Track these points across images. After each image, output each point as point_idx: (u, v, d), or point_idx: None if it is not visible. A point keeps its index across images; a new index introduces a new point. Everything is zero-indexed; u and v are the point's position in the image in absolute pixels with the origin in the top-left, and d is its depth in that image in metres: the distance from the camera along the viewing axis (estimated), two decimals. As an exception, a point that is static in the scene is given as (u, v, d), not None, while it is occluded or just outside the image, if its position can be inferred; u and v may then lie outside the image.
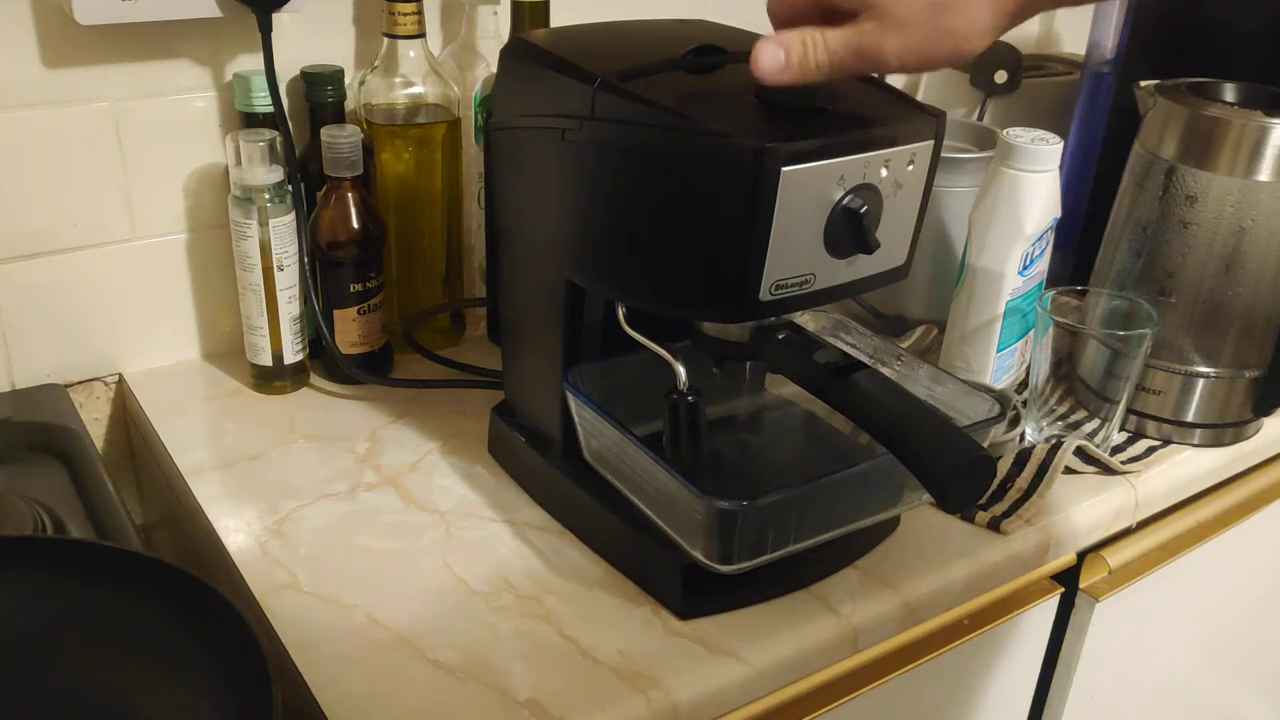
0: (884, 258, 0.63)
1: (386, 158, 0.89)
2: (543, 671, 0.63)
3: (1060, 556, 0.81)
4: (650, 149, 0.60)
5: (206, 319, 0.93)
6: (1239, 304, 0.83)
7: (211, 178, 0.89)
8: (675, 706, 0.62)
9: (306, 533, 0.73)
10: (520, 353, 0.78)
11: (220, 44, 0.86)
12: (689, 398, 0.66)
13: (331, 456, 0.81)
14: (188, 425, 0.85)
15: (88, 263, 0.86)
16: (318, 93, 0.87)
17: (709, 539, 0.62)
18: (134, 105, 0.84)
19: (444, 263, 0.95)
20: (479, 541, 0.73)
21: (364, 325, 0.88)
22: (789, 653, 0.66)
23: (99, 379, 0.90)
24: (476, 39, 0.93)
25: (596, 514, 0.71)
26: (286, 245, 0.84)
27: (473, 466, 0.81)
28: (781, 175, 0.56)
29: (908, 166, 0.61)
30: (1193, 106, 0.82)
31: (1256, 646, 1.14)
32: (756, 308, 0.60)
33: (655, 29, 0.73)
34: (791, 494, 0.62)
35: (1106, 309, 0.87)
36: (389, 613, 0.67)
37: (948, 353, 0.90)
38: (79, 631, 0.59)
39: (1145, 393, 0.87)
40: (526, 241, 0.73)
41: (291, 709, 0.54)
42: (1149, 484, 0.84)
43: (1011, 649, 0.84)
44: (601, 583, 0.70)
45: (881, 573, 0.71)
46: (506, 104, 0.71)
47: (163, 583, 0.59)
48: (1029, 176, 0.84)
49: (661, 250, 0.62)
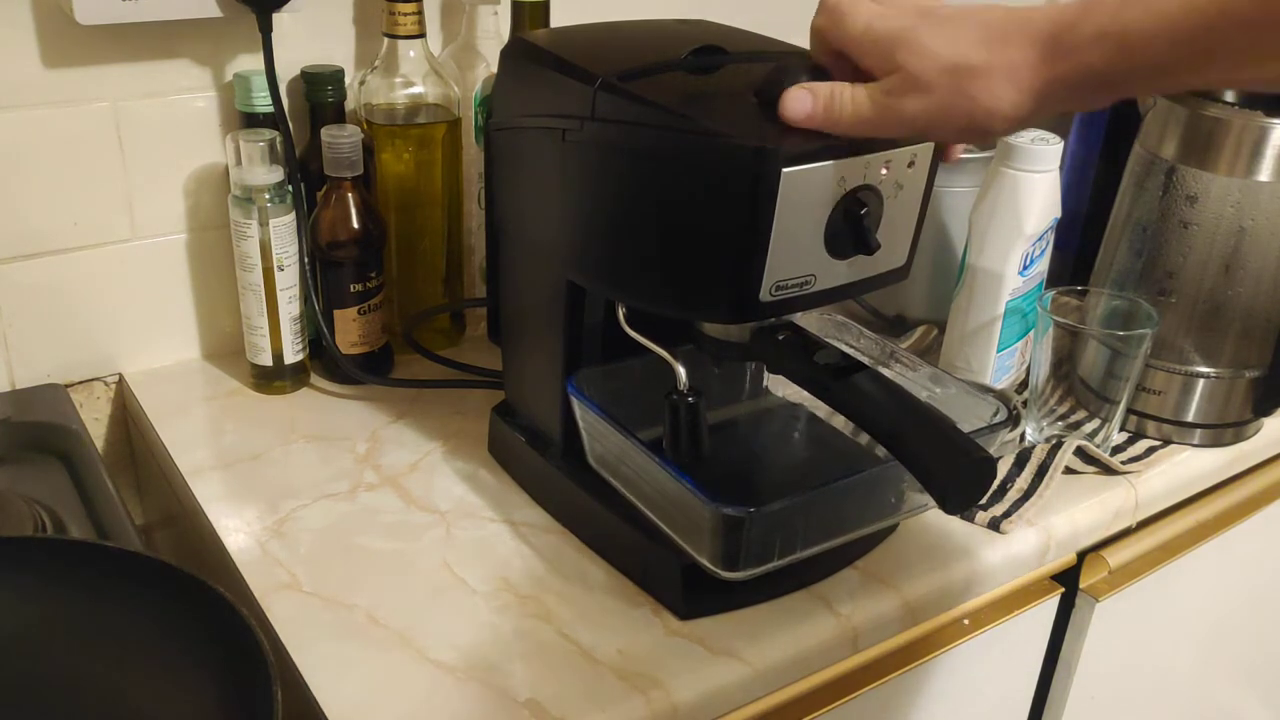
0: (884, 258, 0.63)
1: (387, 158, 0.89)
2: (543, 671, 0.63)
3: (1060, 556, 0.81)
4: (651, 149, 0.60)
5: (206, 319, 0.93)
6: (1239, 304, 0.83)
7: (211, 178, 0.89)
8: (675, 707, 0.62)
9: (306, 533, 0.73)
10: (520, 353, 0.78)
11: (220, 44, 0.86)
12: (689, 398, 0.66)
13: (331, 456, 0.81)
14: (188, 425, 0.85)
15: (88, 263, 0.86)
16: (318, 93, 0.87)
17: (715, 545, 0.62)
18: (134, 105, 0.84)
19: (444, 263, 0.95)
20: (479, 541, 0.73)
21: (364, 325, 0.88)
22: (789, 653, 0.66)
23: (99, 379, 0.90)
24: (476, 39, 0.93)
25: (596, 514, 0.71)
26: (287, 245, 0.84)
27: (473, 466, 0.81)
28: (782, 176, 0.56)
29: (908, 167, 0.61)
30: (1193, 106, 0.82)
31: (1256, 646, 1.14)
32: (757, 308, 0.60)
33: (656, 29, 0.73)
34: (799, 500, 0.62)
35: (1106, 309, 0.87)
36: (389, 613, 0.67)
37: (948, 353, 0.91)
38: (79, 631, 0.59)
39: (1145, 393, 0.87)
40: (527, 242, 0.73)
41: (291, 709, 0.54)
42: (1149, 484, 0.84)
43: (1011, 649, 0.84)
44: (601, 583, 0.70)
45: (881, 573, 0.71)
46: (507, 104, 0.71)
47: (163, 583, 0.59)
48: (1029, 176, 0.84)
49: (661, 251, 0.62)
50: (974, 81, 0.52)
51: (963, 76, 0.52)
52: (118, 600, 0.58)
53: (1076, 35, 0.50)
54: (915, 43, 0.53)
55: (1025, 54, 0.51)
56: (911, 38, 0.53)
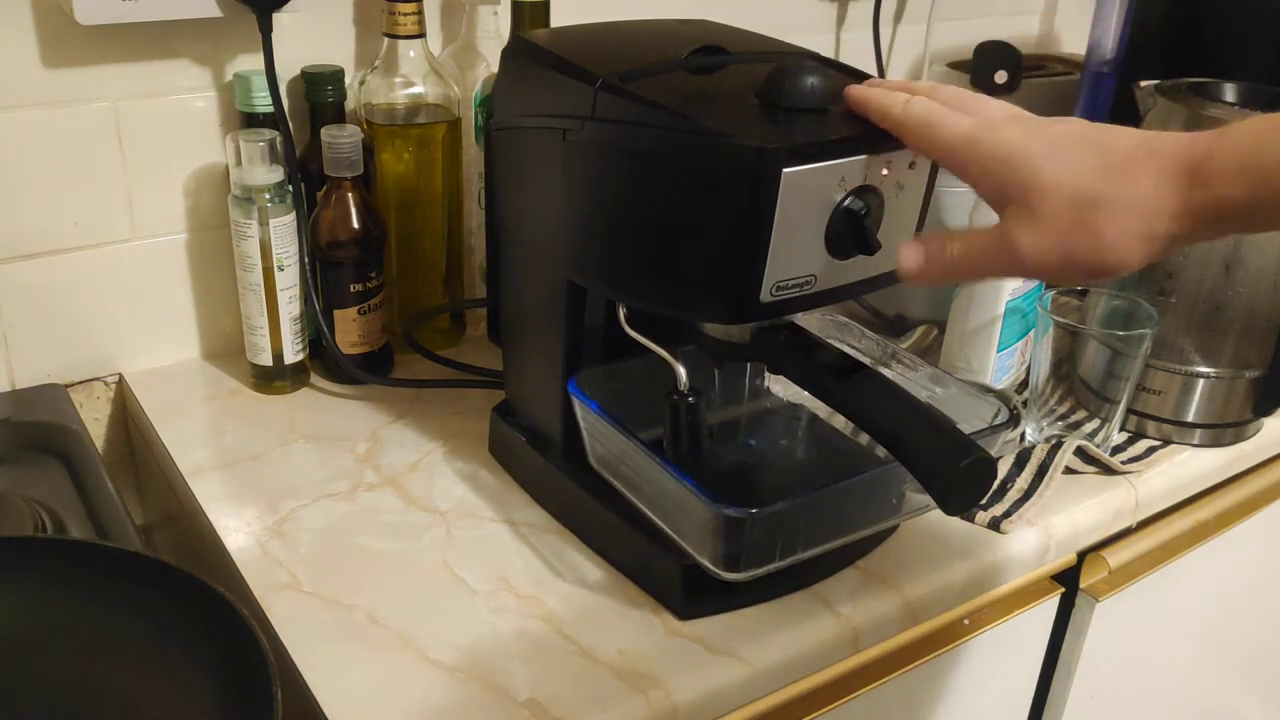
0: (885, 259, 0.63)
1: (387, 158, 0.89)
2: (543, 671, 0.63)
3: (1060, 556, 0.81)
4: (651, 149, 0.60)
5: (206, 319, 0.93)
6: (1239, 304, 0.83)
7: (211, 178, 0.89)
8: (675, 707, 0.62)
9: (306, 533, 0.73)
10: (521, 353, 0.78)
11: (220, 44, 0.86)
12: (689, 398, 0.66)
13: (331, 456, 0.81)
14: (188, 425, 0.85)
15: (88, 263, 0.86)
16: (318, 93, 0.87)
17: (716, 546, 0.62)
18: (134, 105, 0.84)
19: (444, 263, 0.95)
20: (479, 541, 0.73)
21: (364, 325, 0.88)
22: (789, 653, 0.66)
23: (99, 379, 0.90)
24: (477, 39, 0.93)
25: (597, 514, 0.71)
26: (287, 245, 0.84)
27: (473, 466, 0.81)
28: (782, 176, 0.56)
29: (909, 168, 0.61)
30: (1193, 106, 0.82)
31: (1256, 646, 1.14)
32: (757, 309, 0.60)
33: (656, 29, 0.73)
34: (801, 501, 0.62)
35: (1107, 309, 0.87)
36: (389, 613, 0.67)
37: (948, 353, 0.90)
38: (79, 631, 0.58)
39: (1145, 393, 0.87)
40: (527, 241, 0.73)
41: (291, 709, 0.54)
42: (1149, 484, 0.84)
43: (1011, 649, 0.84)
44: (601, 583, 0.70)
45: (881, 573, 0.71)
46: (507, 104, 0.71)
47: (163, 583, 0.59)
48: (1029, 177, 0.84)
49: (662, 251, 0.62)
50: (1103, 214, 0.47)
51: (1088, 209, 0.47)
52: (118, 600, 0.58)
53: (1216, 165, 0.46)
54: (1031, 164, 0.48)
55: (1157, 186, 0.46)
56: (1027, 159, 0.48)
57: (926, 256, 0.54)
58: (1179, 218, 0.46)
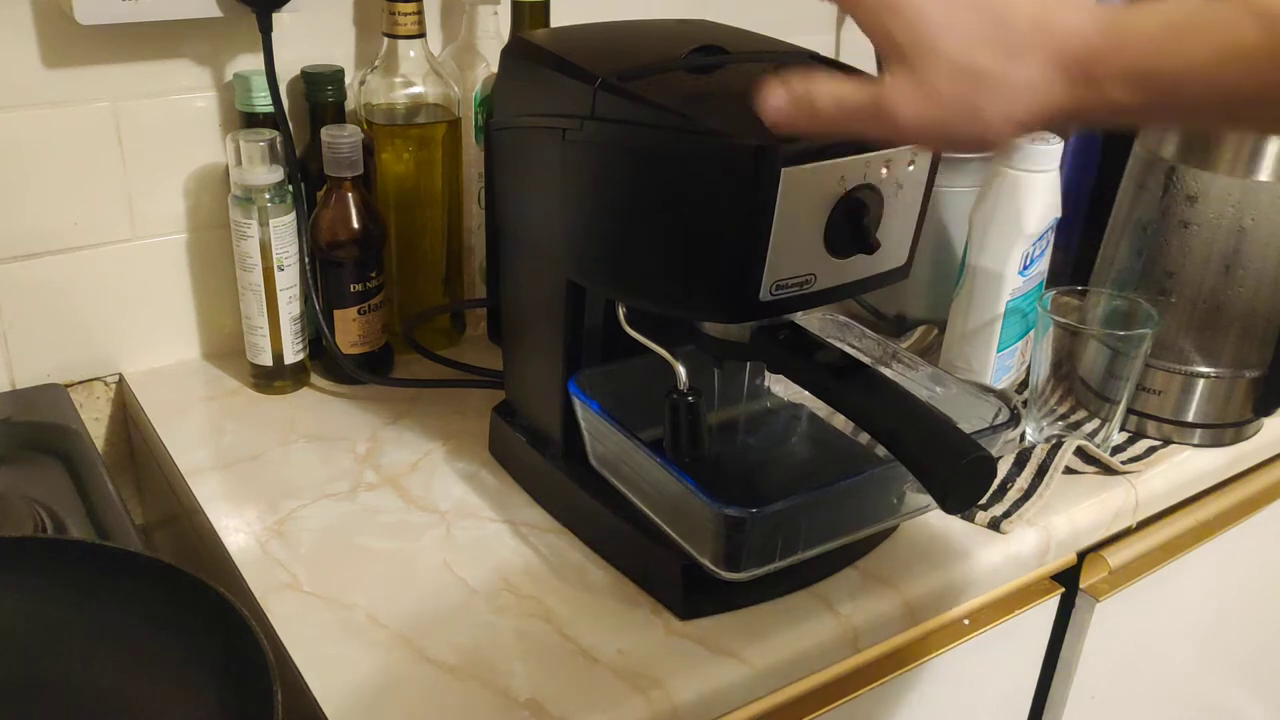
0: (885, 258, 0.63)
1: (387, 158, 0.89)
2: (543, 671, 0.63)
3: (1060, 556, 0.81)
4: (651, 149, 0.60)
5: (206, 319, 0.93)
6: (1239, 304, 0.83)
7: (211, 178, 0.89)
8: (675, 707, 0.62)
9: (306, 533, 0.73)
10: (521, 352, 0.78)
11: (220, 44, 0.86)
12: (689, 398, 0.66)
13: (331, 456, 0.81)
14: (188, 425, 0.85)
15: (88, 263, 0.86)
16: (318, 93, 0.87)
17: (716, 546, 0.62)
18: (134, 105, 0.84)
19: (444, 263, 0.95)
20: (479, 541, 0.73)
21: (364, 325, 0.88)
22: (789, 653, 0.66)
23: (99, 379, 0.90)
24: (477, 39, 0.93)
25: (597, 514, 0.71)
26: (287, 245, 0.84)
27: (473, 466, 0.81)
28: (782, 175, 0.56)
29: (908, 167, 0.61)
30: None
31: (1256, 646, 1.14)
32: (757, 308, 0.60)
33: (656, 29, 0.73)
34: (801, 501, 0.62)
35: (1107, 309, 0.87)
36: (389, 613, 0.67)
37: (948, 353, 0.91)
38: (79, 631, 0.58)
39: (1145, 393, 0.87)
40: (527, 241, 0.73)
41: (291, 709, 0.54)
42: (1149, 484, 0.84)
43: (1011, 649, 0.84)
44: (601, 582, 0.70)
45: (881, 573, 0.71)
46: (507, 104, 0.71)
47: (163, 583, 0.59)
48: (1029, 176, 0.84)
49: (662, 250, 0.62)
50: (982, 93, 0.45)
51: (971, 85, 0.45)
52: (118, 600, 0.58)
53: (1110, 68, 0.44)
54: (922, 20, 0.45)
55: (1046, 74, 0.45)
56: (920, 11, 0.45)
57: (791, 100, 0.49)
58: (1064, 109, 0.46)
